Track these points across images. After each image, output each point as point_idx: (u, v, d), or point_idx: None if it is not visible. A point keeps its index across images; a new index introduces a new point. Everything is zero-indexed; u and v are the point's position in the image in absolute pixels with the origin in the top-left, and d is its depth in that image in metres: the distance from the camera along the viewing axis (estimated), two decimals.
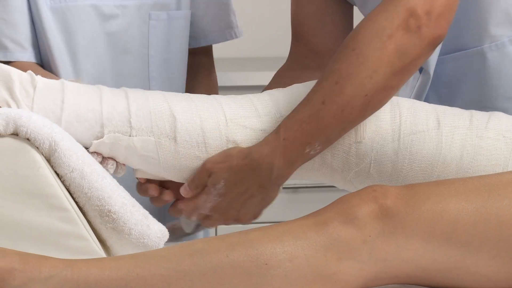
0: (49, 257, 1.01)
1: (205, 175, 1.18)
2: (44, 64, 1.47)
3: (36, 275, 0.99)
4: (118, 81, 1.46)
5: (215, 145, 1.18)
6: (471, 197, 1.03)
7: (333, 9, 1.40)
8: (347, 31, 1.36)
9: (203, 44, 1.60)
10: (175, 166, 1.19)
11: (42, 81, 1.18)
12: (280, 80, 1.38)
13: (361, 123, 1.19)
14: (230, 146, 1.19)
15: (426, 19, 1.11)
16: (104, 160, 1.18)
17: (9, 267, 0.99)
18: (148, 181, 1.22)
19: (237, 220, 1.20)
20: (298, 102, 1.19)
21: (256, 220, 1.27)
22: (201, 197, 1.20)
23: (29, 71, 1.19)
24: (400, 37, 1.12)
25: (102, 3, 1.46)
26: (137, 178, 1.23)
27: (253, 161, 1.16)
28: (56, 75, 1.43)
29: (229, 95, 1.24)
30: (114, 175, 1.19)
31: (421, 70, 1.37)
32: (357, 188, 1.20)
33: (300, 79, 1.28)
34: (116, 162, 1.20)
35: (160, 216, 1.22)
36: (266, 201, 1.19)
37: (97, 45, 1.47)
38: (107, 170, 1.19)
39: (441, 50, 1.35)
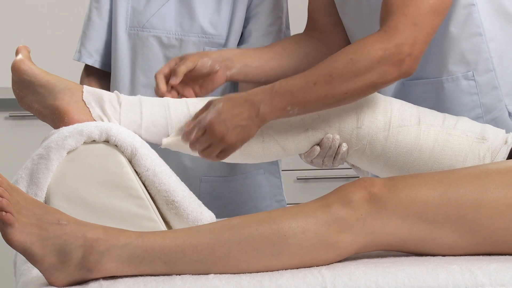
0: (125, 229, 1.16)
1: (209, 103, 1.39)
2: (108, 71, 1.77)
3: (115, 243, 1.13)
4: None
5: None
6: (436, 186, 1.19)
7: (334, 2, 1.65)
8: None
9: None
10: None
11: (125, 99, 1.40)
12: (291, 40, 1.66)
13: (361, 114, 1.40)
14: (267, 141, 1.41)
15: (408, 59, 1.33)
16: None
17: (96, 237, 1.13)
18: None
19: (223, 139, 1.35)
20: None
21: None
22: (204, 112, 1.38)
23: (116, 91, 1.40)
24: (385, 65, 1.33)
25: (164, 35, 1.72)
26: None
27: (248, 99, 1.36)
28: (116, 82, 1.73)
29: None
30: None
31: None
32: (354, 161, 1.41)
33: (303, 43, 1.60)
34: None
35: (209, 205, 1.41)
36: (246, 133, 1.36)
37: (155, 65, 1.72)
38: None
39: (409, 77, 1.52)
